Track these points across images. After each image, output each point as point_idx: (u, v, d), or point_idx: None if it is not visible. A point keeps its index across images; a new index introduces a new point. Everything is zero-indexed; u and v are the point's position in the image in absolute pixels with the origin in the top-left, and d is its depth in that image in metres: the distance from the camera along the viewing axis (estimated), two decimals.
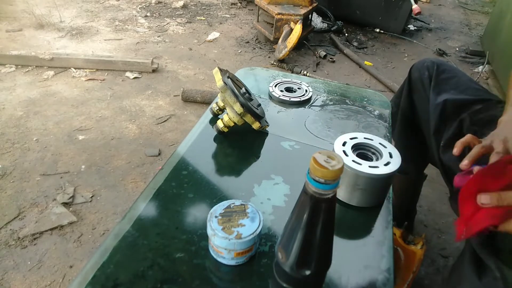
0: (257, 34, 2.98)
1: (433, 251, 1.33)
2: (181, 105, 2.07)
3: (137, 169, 1.60)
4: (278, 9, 2.62)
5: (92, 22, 3.04)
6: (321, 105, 1.01)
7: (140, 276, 0.54)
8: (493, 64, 2.67)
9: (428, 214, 1.48)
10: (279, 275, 0.48)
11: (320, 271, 0.48)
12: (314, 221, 0.42)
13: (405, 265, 1.03)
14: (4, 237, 1.27)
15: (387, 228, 0.67)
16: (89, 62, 2.32)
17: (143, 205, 0.66)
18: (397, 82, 2.40)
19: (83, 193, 1.46)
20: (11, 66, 2.28)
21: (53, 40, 2.68)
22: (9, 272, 1.16)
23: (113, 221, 1.35)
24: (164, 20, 3.21)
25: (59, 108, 1.96)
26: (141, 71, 2.36)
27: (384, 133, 0.92)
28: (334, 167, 0.38)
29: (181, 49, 2.74)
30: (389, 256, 0.61)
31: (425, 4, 4.22)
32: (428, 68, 1.04)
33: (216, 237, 0.53)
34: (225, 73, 0.84)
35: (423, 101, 1.05)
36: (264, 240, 0.61)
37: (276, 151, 0.83)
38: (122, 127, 1.86)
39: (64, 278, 1.16)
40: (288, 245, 0.44)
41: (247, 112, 0.79)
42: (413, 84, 1.09)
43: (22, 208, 1.37)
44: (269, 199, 0.69)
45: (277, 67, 2.56)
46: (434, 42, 3.22)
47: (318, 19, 3.20)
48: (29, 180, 1.50)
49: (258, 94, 1.04)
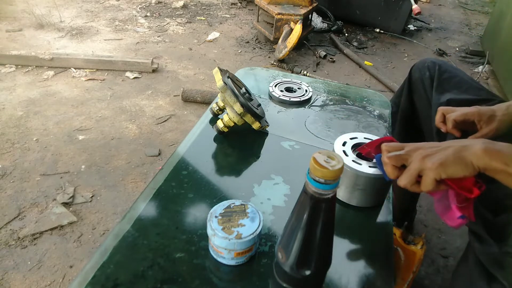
0: (257, 34, 2.98)
1: (433, 251, 1.33)
2: (181, 105, 2.07)
3: (137, 169, 1.60)
4: (278, 9, 2.62)
5: (92, 22, 3.04)
6: (321, 105, 1.01)
7: (140, 276, 0.54)
8: (493, 64, 2.67)
9: (428, 214, 1.48)
10: (279, 275, 0.48)
11: (320, 271, 0.48)
12: (314, 221, 0.42)
13: (405, 265, 1.03)
14: (4, 237, 1.27)
15: (387, 228, 0.67)
16: (89, 62, 2.32)
17: (143, 205, 0.66)
18: (397, 82, 2.40)
19: (83, 193, 1.46)
20: (11, 66, 2.28)
21: (53, 40, 2.68)
22: (9, 272, 1.16)
23: (113, 221, 1.35)
24: (164, 20, 3.21)
25: (59, 108, 1.96)
26: (141, 71, 2.36)
27: (384, 133, 0.92)
28: (334, 167, 0.38)
29: (181, 49, 2.74)
30: (389, 256, 0.61)
31: (425, 4, 4.22)
32: (429, 68, 1.04)
33: (216, 237, 0.53)
34: (225, 73, 0.84)
35: (424, 101, 1.05)
36: (264, 240, 0.61)
37: (276, 151, 0.83)
38: (122, 127, 1.86)
39: (64, 278, 1.16)
40: (288, 245, 0.44)
41: (247, 112, 0.79)
42: (413, 84, 1.09)
43: (22, 208, 1.37)
44: (269, 199, 0.69)
45: (277, 67, 2.56)
46: (434, 42, 3.22)
47: (318, 19, 3.20)
48: (29, 180, 1.50)
49: (258, 94, 1.04)
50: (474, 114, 0.81)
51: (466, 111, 0.82)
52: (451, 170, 0.53)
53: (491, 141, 0.54)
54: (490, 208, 0.73)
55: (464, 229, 1.43)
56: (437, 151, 0.55)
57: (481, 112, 0.81)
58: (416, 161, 0.55)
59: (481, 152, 0.52)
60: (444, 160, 0.53)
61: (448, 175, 0.53)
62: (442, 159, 0.53)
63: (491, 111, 0.81)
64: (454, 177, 0.53)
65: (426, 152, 0.55)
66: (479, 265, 0.67)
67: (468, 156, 0.53)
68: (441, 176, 0.53)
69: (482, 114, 0.81)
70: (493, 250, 0.66)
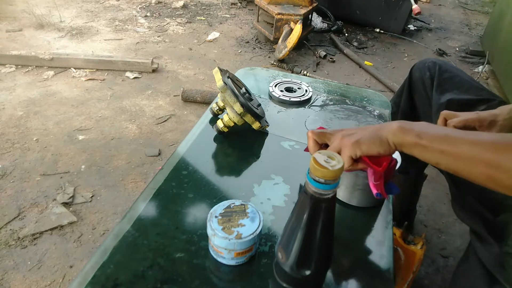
0: (257, 34, 2.98)
1: (433, 251, 1.33)
2: (181, 105, 2.07)
3: (137, 169, 1.60)
4: (278, 9, 2.62)
5: (92, 22, 3.04)
6: (321, 105, 1.01)
7: (140, 276, 0.54)
8: (493, 64, 2.67)
9: (428, 214, 1.48)
10: (279, 275, 0.48)
11: (320, 271, 0.48)
12: (314, 221, 0.42)
13: (405, 265, 1.03)
14: (4, 237, 1.27)
15: (387, 228, 0.67)
16: (89, 62, 2.32)
17: (143, 205, 0.66)
18: (397, 82, 2.40)
19: (83, 193, 1.46)
20: (11, 66, 2.28)
21: (53, 40, 2.68)
22: (9, 272, 1.16)
23: (113, 221, 1.35)
24: (164, 20, 3.21)
25: (59, 108, 1.96)
26: (141, 71, 2.36)
27: None
28: (334, 167, 0.38)
29: (181, 49, 2.74)
30: (389, 256, 0.61)
31: (425, 4, 4.22)
32: (430, 68, 1.04)
33: (216, 237, 0.53)
34: (225, 73, 0.84)
35: (424, 101, 1.05)
36: (264, 240, 0.61)
37: (276, 151, 0.83)
38: (122, 127, 1.86)
39: (64, 278, 1.16)
40: (288, 245, 0.44)
41: (247, 112, 0.79)
42: (414, 84, 1.09)
43: (22, 208, 1.37)
44: (269, 199, 0.69)
45: (277, 67, 2.56)
46: (434, 42, 3.22)
47: (318, 19, 3.20)
48: (29, 180, 1.50)
49: (258, 94, 1.04)
50: (474, 120, 0.81)
51: (467, 117, 0.81)
52: (365, 147, 0.54)
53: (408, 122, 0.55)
54: (490, 208, 0.73)
55: (464, 229, 1.44)
56: (356, 131, 0.57)
57: (481, 117, 0.81)
58: (335, 140, 0.58)
59: (396, 129, 0.54)
60: (359, 138, 0.55)
61: (363, 152, 0.55)
62: (358, 137, 0.55)
63: (492, 116, 0.81)
64: (370, 155, 0.55)
65: (347, 132, 0.58)
66: (480, 266, 0.67)
67: (383, 134, 0.55)
68: (357, 153, 0.55)
69: (483, 120, 0.80)
70: (494, 250, 0.66)
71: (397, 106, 1.15)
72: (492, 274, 0.65)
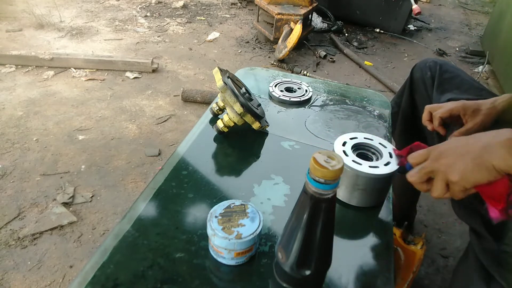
0: (257, 34, 2.98)
1: (433, 251, 1.33)
2: (181, 105, 2.07)
3: (137, 169, 1.60)
4: (278, 9, 2.62)
5: (92, 22, 3.04)
6: (321, 105, 1.01)
7: (140, 276, 0.54)
8: (493, 64, 2.67)
9: (428, 214, 1.48)
10: (279, 275, 0.48)
11: (320, 271, 0.48)
12: (314, 221, 0.42)
13: (405, 265, 1.03)
14: (4, 237, 1.27)
15: (387, 228, 0.67)
16: (89, 62, 2.32)
17: (143, 205, 0.66)
18: (397, 82, 2.40)
19: (83, 193, 1.46)
20: (11, 66, 2.28)
21: (53, 40, 2.68)
22: (9, 272, 1.16)
23: (113, 221, 1.35)
24: (164, 20, 3.21)
25: (59, 108, 1.96)
26: (141, 71, 2.36)
27: (384, 133, 0.92)
28: (334, 167, 0.38)
29: (181, 49, 2.74)
30: (389, 256, 0.61)
31: (425, 4, 4.22)
32: (431, 68, 1.04)
33: (216, 237, 0.53)
34: (225, 73, 0.84)
35: (425, 101, 1.05)
36: (264, 240, 0.61)
37: (276, 151, 0.83)
38: (122, 127, 1.86)
39: (64, 278, 1.16)
40: (288, 245, 0.44)
41: (247, 112, 0.79)
42: (415, 84, 1.09)
43: (22, 208, 1.37)
44: (269, 199, 0.69)
45: (277, 67, 2.56)
46: (434, 42, 3.22)
47: (318, 19, 3.20)
48: (29, 180, 1.50)
49: (258, 94, 1.04)
50: (459, 108, 0.82)
51: (452, 106, 0.83)
52: (472, 179, 0.51)
53: None
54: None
55: (464, 229, 1.44)
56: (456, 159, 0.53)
57: (466, 106, 0.82)
58: (439, 177, 0.55)
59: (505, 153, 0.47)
60: (463, 170, 0.51)
61: (472, 185, 0.51)
62: (461, 170, 0.51)
63: (476, 105, 0.82)
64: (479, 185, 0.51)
65: (447, 161, 0.54)
66: (478, 265, 0.67)
67: (488, 159, 0.49)
68: (466, 187, 0.52)
69: (467, 108, 0.82)
70: (492, 247, 0.66)
71: (398, 106, 1.15)
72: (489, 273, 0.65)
